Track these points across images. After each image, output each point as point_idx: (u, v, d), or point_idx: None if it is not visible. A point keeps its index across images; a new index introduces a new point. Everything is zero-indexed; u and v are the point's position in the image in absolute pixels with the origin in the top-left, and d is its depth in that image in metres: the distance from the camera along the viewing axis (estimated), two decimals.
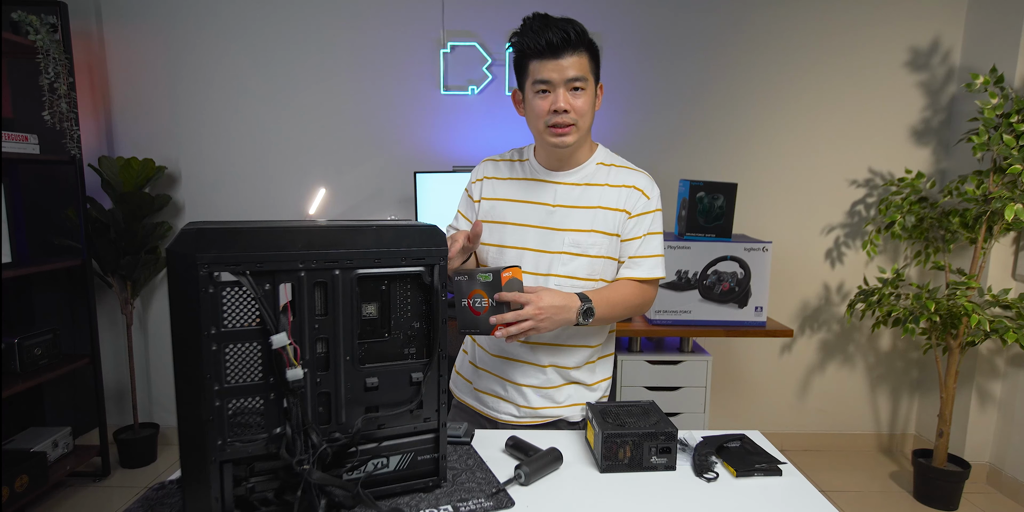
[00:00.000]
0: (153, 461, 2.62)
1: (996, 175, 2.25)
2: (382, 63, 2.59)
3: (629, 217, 1.24)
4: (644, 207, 1.25)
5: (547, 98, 1.17)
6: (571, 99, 1.16)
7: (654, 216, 1.26)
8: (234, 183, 2.65)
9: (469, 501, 0.89)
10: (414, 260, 0.86)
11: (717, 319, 2.15)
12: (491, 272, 1.09)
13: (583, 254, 1.23)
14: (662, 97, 2.64)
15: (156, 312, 2.73)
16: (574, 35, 1.13)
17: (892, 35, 2.59)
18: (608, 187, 1.25)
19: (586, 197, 1.25)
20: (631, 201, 1.25)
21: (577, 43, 1.14)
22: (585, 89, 1.17)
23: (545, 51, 1.13)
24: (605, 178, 1.26)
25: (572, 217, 1.24)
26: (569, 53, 1.14)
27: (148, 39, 2.56)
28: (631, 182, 1.26)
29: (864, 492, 2.47)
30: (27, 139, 2.17)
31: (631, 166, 1.30)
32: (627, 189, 1.25)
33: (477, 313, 1.11)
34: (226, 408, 0.77)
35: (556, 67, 1.14)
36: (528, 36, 1.14)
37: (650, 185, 1.27)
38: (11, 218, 2.17)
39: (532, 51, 1.15)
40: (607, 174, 1.27)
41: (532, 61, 1.16)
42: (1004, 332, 2.09)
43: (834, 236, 2.73)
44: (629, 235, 1.25)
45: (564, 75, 1.14)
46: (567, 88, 1.16)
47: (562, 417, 1.27)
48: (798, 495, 0.95)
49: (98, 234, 2.44)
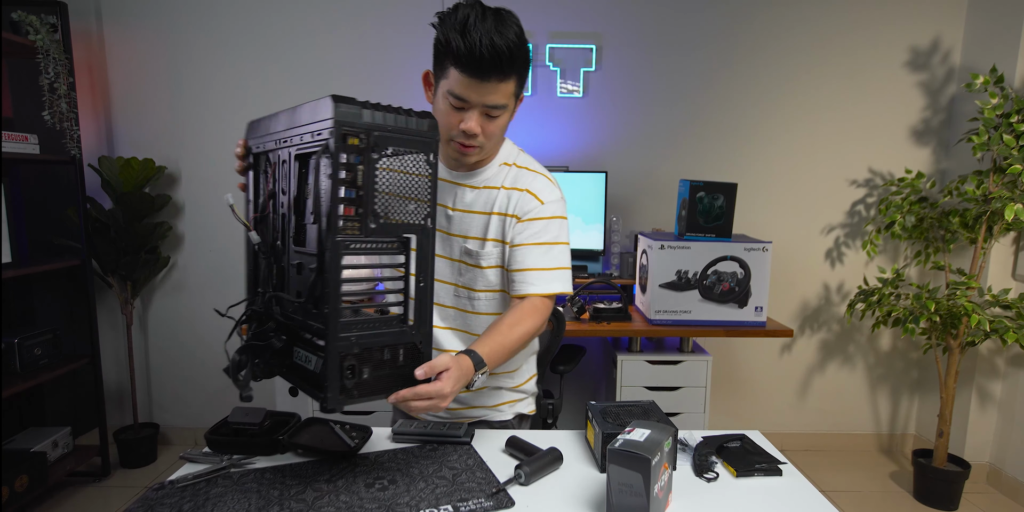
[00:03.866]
0: (153, 461, 2.62)
1: (996, 175, 2.25)
2: (382, 63, 2.59)
3: (519, 222, 1.12)
4: (537, 213, 1.11)
5: (458, 115, 1.02)
6: (484, 123, 1.03)
7: (548, 223, 1.11)
8: (234, 183, 2.64)
9: (469, 501, 0.89)
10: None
11: (717, 319, 2.15)
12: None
13: (476, 265, 1.14)
14: (662, 97, 2.64)
15: (156, 312, 2.73)
16: (507, 57, 0.95)
17: (892, 35, 2.59)
18: (503, 190, 1.13)
19: (481, 201, 1.14)
20: (521, 205, 1.12)
21: (509, 69, 0.97)
22: (503, 114, 1.04)
23: (469, 67, 0.96)
24: (503, 180, 1.14)
25: (467, 223, 1.14)
26: (496, 78, 0.97)
27: (148, 39, 2.56)
28: (524, 185, 1.13)
29: (864, 492, 2.47)
30: (27, 139, 2.17)
31: (533, 167, 1.16)
32: (519, 193, 1.12)
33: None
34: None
35: (477, 89, 0.98)
36: (455, 36, 0.95)
37: (547, 189, 1.13)
38: (11, 218, 2.17)
39: (455, 57, 0.96)
40: (505, 176, 1.14)
41: (453, 67, 0.98)
42: (1004, 332, 2.09)
43: (834, 236, 2.73)
44: (516, 242, 1.11)
45: (483, 100, 1.00)
46: (483, 112, 1.02)
47: (487, 418, 1.25)
48: (798, 495, 0.94)
49: (98, 234, 2.44)
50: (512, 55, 0.96)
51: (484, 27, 0.93)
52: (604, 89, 2.63)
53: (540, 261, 1.11)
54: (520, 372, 1.27)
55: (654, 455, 0.80)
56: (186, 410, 2.78)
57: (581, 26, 2.56)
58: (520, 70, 1.01)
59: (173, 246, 2.68)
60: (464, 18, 0.94)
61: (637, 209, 2.70)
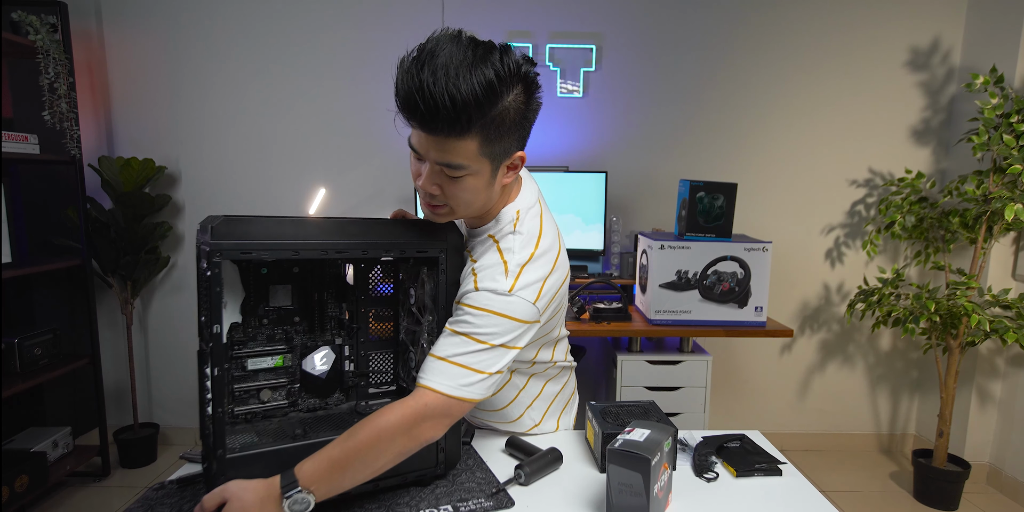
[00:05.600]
0: (153, 461, 2.62)
1: (996, 175, 2.25)
2: (382, 63, 2.59)
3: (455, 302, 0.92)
4: (466, 298, 0.88)
5: (418, 165, 0.86)
6: (444, 182, 0.85)
7: (469, 313, 0.86)
8: (234, 183, 2.65)
9: (469, 501, 0.89)
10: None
11: (717, 319, 2.15)
12: None
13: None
14: (662, 97, 2.64)
15: (156, 312, 2.73)
16: (448, 112, 0.74)
17: (892, 35, 2.59)
18: (469, 262, 0.95)
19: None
20: (463, 284, 0.91)
21: (456, 123, 0.76)
22: (468, 176, 0.84)
23: (409, 115, 0.78)
24: (477, 252, 0.95)
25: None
26: (444, 134, 0.78)
27: (148, 39, 2.56)
28: (475, 264, 0.92)
29: (864, 492, 2.47)
30: (27, 139, 2.17)
31: (511, 246, 0.91)
32: (467, 271, 0.92)
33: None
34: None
35: (426, 142, 0.81)
36: (400, 75, 0.76)
37: (493, 277, 0.88)
38: (11, 218, 2.17)
39: (399, 102, 0.78)
40: (481, 250, 0.94)
41: (403, 111, 0.80)
42: (1004, 332, 2.09)
43: (834, 236, 2.73)
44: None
45: (434, 157, 0.82)
46: (436, 169, 0.84)
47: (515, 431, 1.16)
48: (798, 495, 0.94)
49: (98, 234, 2.44)
50: (459, 109, 0.74)
51: (438, 66, 0.73)
52: (604, 89, 2.63)
53: (440, 348, 0.86)
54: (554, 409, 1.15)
55: (654, 455, 0.80)
56: (186, 410, 2.78)
57: (581, 26, 2.56)
58: (490, 125, 0.79)
59: (173, 246, 2.68)
60: (416, 54, 0.76)
61: (637, 209, 2.70)
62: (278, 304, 0.92)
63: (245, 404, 0.90)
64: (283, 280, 0.92)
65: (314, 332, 0.95)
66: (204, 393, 0.76)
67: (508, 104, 0.80)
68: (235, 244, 0.75)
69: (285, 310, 0.93)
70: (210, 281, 0.74)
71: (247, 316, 0.90)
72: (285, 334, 0.93)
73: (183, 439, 2.80)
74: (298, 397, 0.95)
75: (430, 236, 0.89)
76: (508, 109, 0.80)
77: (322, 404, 0.97)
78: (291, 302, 0.93)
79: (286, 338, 0.93)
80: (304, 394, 0.96)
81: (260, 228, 0.77)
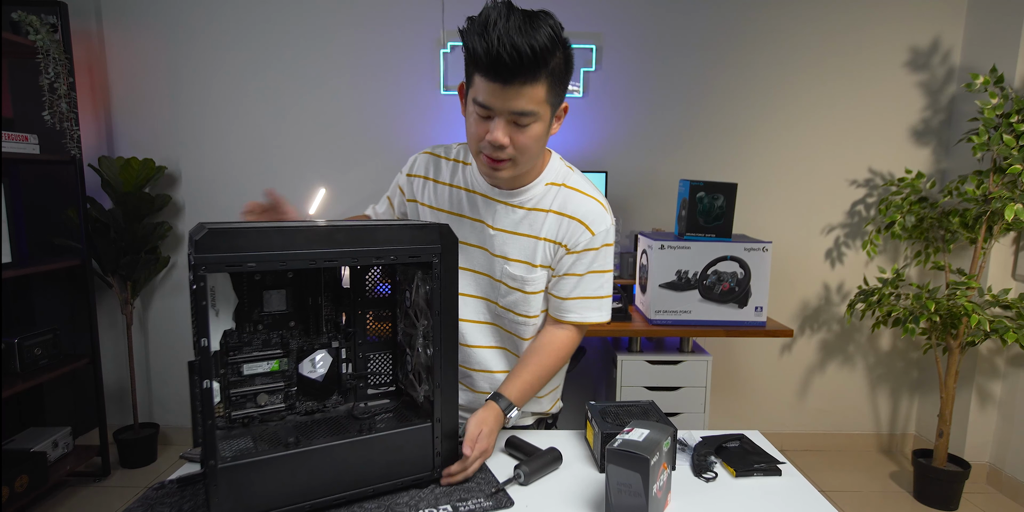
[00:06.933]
0: (153, 461, 2.62)
1: (996, 175, 2.25)
2: (382, 63, 2.59)
3: (568, 253, 1.08)
4: (587, 244, 1.07)
5: (485, 125, 0.95)
6: (513, 133, 0.95)
7: (598, 253, 1.08)
8: (234, 183, 2.65)
9: (468, 501, 0.89)
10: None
11: (717, 319, 2.15)
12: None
13: (520, 289, 1.10)
14: (662, 97, 2.64)
15: (156, 312, 2.73)
16: (530, 58, 0.87)
17: (892, 35, 2.59)
18: (552, 214, 1.08)
19: (527, 224, 1.09)
20: (573, 235, 1.07)
21: (534, 69, 0.89)
22: (536, 122, 0.95)
23: (490, 70, 0.89)
24: (551, 203, 1.08)
25: (510, 245, 1.09)
26: (520, 81, 0.89)
27: (148, 39, 2.56)
28: (577, 213, 1.07)
29: (864, 492, 2.47)
30: (27, 139, 2.17)
31: (584, 188, 1.10)
32: (569, 221, 1.07)
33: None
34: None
35: (500, 94, 0.91)
36: (475, 39, 0.88)
37: (599, 217, 1.07)
38: (11, 218, 2.17)
39: (475, 61, 0.90)
40: (554, 198, 1.09)
41: (476, 73, 0.92)
42: (1004, 332, 2.09)
43: (834, 236, 2.73)
44: (564, 271, 1.09)
45: (508, 107, 0.92)
46: (510, 120, 0.94)
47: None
48: (798, 495, 0.94)
49: (98, 234, 2.44)
50: (537, 55, 0.87)
51: (506, 26, 0.86)
52: (604, 89, 2.62)
53: (585, 290, 1.10)
54: (546, 397, 1.24)
55: (653, 455, 0.80)
56: (186, 410, 2.78)
57: (581, 26, 2.56)
58: (553, 74, 0.92)
59: (173, 246, 2.68)
60: (485, 18, 0.88)
61: (637, 209, 2.70)
62: (272, 309, 0.91)
63: (242, 408, 0.90)
64: (277, 285, 0.92)
65: (310, 336, 0.95)
66: (195, 402, 0.76)
67: (560, 55, 0.93)
68: (220, 257, 0.73)
69: (280, 315, 0.92)
70: (196, 295, 0.73)
71: (242, 322, 0.89)
72: (281, 338, 0.92)
73: (183, 439, 2.80)
74: (296, 400, 0.94)
75: (422, 241, 0.88)
76: (561, 60, 0.94)
77: (320, 407, 0.97)
78: (286, 307, 0.92)
79: (282, 342, 0.93)
80: (302, 397, 0.95)
81: (245, 239, 0.75)
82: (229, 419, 0.89)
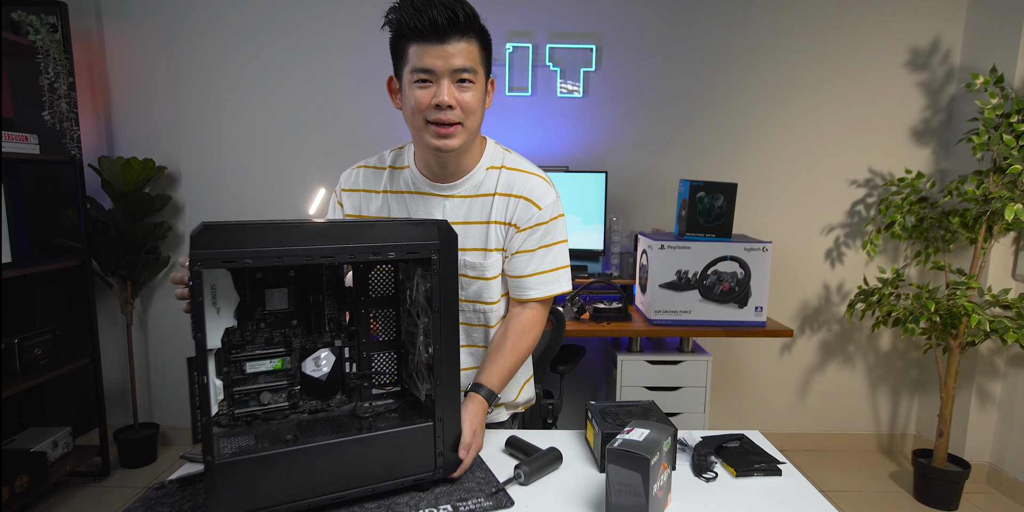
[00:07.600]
0: (153, 461, 2.62)
1: (996, 175, 2.25)
2: (382, 63, 2.59)
3: (518, 231, 1.11)
4: (536, 219, 1.11)
5: (428, 89, 0.99)
6: (457, 93, 0.99)
7: (548, 227, 1.12)
8: (234, 183, 2.65)
9: (468, 501, 0.89)
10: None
11: (717, 319, 2.15)
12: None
13: (480, 277, 1.12)
14: (662, 97, 2.64)
15: (156, 312, 2.73)
16: (463, 16, 0.95)
17: (892, 35, 2.59)
18: (498, 197, 1.11)
19: (476, 211, 1.12)
20: (520, 213, 1.11)
21: (467, 27, 0.97)
22: (475, 82, 1.01)
23: (428, 33, 0.95)
24: (495, 186, 1.11)
25: (464, 236, 1.11)
26: (457, 38, 0.97)
27: (148, 39, 2.56)
28: (523, 191, 1.11)
29: (864, 492, 2.47)
30: (27, 139, 2.17)
31: (523, 167, 1.14)
32: (516, 200, 1.11)
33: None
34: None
35: (440, 53, 0.97)
36: (407, 12, 0.96)
37: (543, 191, 1.11)
38: (11, 218, 2.17)
39: (412, 31, 0.96)
40: (496, 181, 1.12)
41: (412, 44, 0.98)
42: (1004, 332, 2.09)
43: (834, 236, 2.73)
44: (516, 249, 1.12)
45: (450, 64, 0.97)
46: (452, 80, 0.99)
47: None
48: (798, 495, 0.94)
49: (98, 234, 2.44)
50: (468, 15, 0.96)
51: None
52: (604, 89, 2.63)
53: (541, 264, 1.13)
54: (512, 386, 1.24)
55: (653, 455, 0.80)
56: (186, 410, 2.78)
57: (581, 26, 2.57)
58: (480, 32, 1.00)
59: (173, 246, 2.68)
60: None
61: (637, 209, 2.70)
62: (274, 307, 0.91)
63: (245, 406, 0.90)
64: (279, 283, 0.92)
65: (312, 334, 0.95)
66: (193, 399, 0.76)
67: (482, 26, 1.02)
68: (216, 253, 0.73)
69: (282, 313, 0.92)
70: (192, 290, 0.73)
71: (243, 320, 0.89)
72: (283, 337, 0.92)
73: (183, 439, 2.80)
74: (299, 399, 0.94)
75: (421, 237, 0.88)
76: (484, 29, 1.02)
77: (323, 406, 0.97)
78: (288, 305, 0.92)
79: (284, 341, 0.93)
80: (305, 396, 0.95)
81: (241, 235, 0.75)
82: (232, 417, 0.89)
